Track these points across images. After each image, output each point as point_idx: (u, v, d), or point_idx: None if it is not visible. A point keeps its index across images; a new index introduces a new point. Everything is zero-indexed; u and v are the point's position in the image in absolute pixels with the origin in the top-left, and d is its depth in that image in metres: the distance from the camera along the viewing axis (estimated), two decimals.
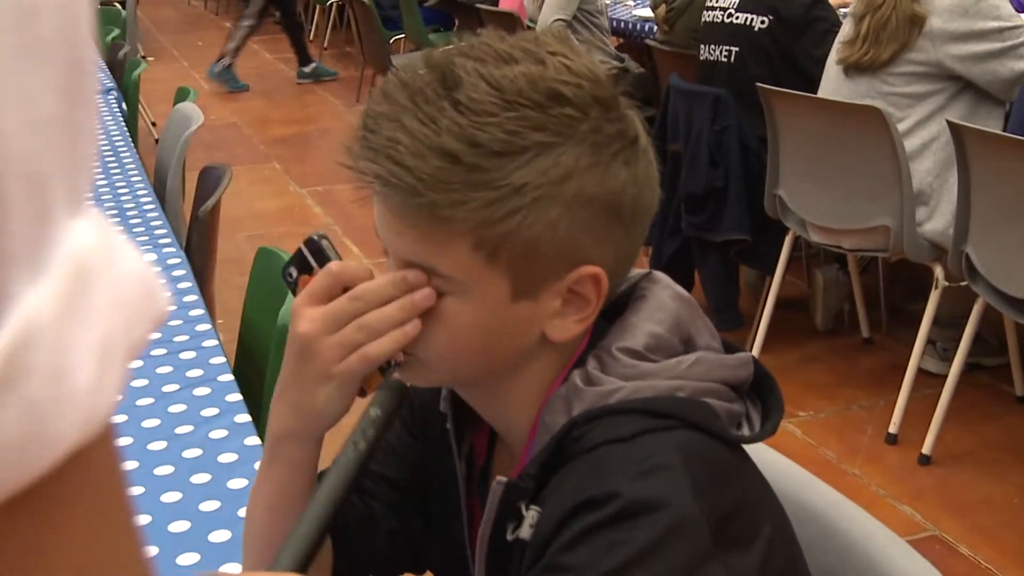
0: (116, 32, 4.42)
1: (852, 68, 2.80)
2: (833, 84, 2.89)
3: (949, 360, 2.75)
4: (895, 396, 2.81)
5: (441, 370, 0.83)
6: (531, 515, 0.77)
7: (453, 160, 0.73)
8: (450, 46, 0.78)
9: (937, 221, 2.73)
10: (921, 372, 2.87)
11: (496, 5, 5.36)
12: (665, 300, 0.83)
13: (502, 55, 0.76)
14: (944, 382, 2.67)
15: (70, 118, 0.28)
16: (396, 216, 0.78)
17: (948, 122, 2.51)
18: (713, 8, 3.36)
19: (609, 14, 4.74)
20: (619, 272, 0.83)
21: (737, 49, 3.26)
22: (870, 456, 2.77)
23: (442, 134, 0.73)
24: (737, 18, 3.26)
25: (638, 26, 4.65)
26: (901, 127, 2.69)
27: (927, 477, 2.67)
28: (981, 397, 2.97)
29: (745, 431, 0.81)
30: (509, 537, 0.79)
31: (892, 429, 2.80)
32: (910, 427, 2.78)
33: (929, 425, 2.69)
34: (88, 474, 0.29)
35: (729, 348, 0.86)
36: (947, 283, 2.72)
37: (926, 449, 2.70)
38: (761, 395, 0.85)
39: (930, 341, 2.99)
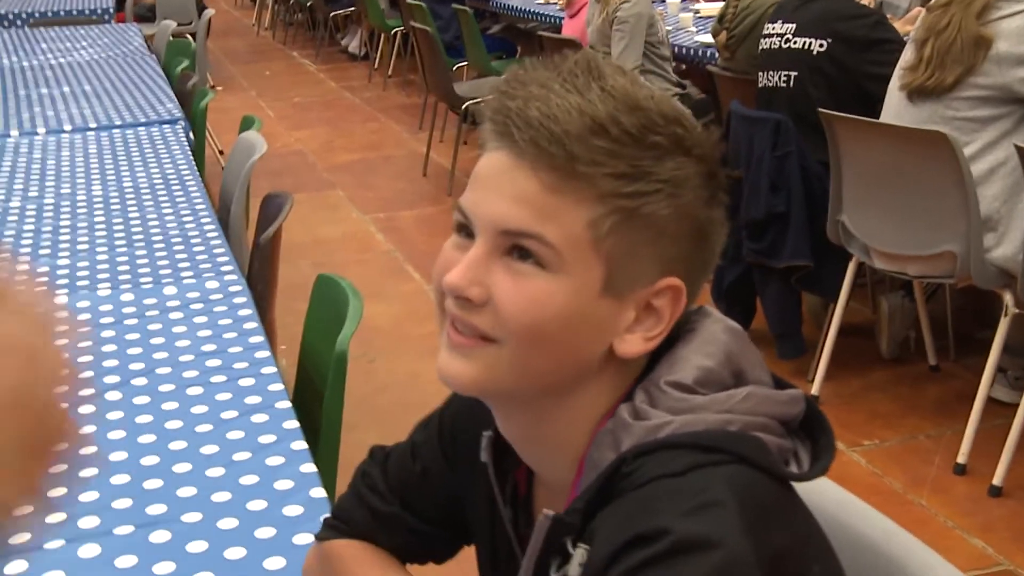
0: (186, 63, 4.52)
1: (915, 93, 2.76)
2: (896, 110, 2.85)
3: (1020, 389, 2.69)
4: (963, 426, 2.75)
5: (513, 362, 0.79)
6: (580, 553, 0.76)
7: (600, 126, 0.76)
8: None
9: (1006, 247, 2.67)
10: (991, 401, 2.80)
11: (559, 32, 5.39)
12: (716, 333, 0.83)
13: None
14: (1015, 411, 2.60)
15: None
16: (526, 169, 0.77)
17: (1016, 147, 2.46)
18: (770, 35, 3.35)
19: (671, 40, 4.73)
20: (688, 305, 0.83)
21: (796, 73, 3.24)
22: (937, 487, 2.71)
23: (594, 103, 0.76)
24: (795, 43, 3.24)
25: (699, 52, 4.64)
26: (967, 152, 2.64)
27: (998, 509, 2.60)
28: None
29: (793, 468, 0.80)
30: (554, 574, 0.78)
31: (960, 459, 2.74)
32: (979, 457, 2.72)
33: (1000, 455, 2.62)
34: None
35: (780, 384, 0.85)
36: (1017, 310, 2.66)
37: (997, 480, 2.63)
38: (812, 434, 0.84)
39: (1000, 369, 2.92)
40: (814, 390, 3.13)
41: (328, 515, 1.07)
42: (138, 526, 1.25)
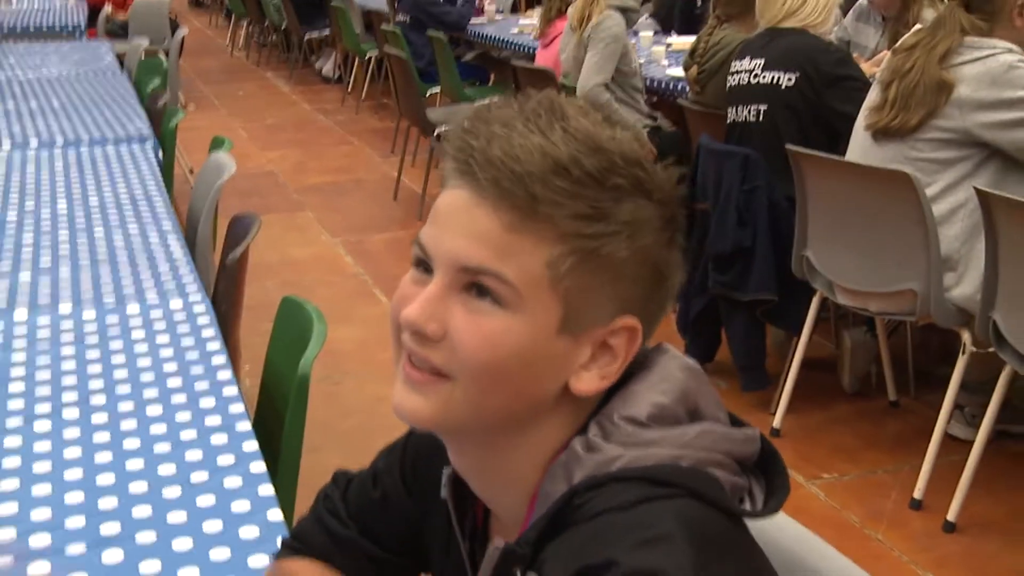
0: (157, 82, 4.51)
1: (880, 133, 2.80)
2: (861, 149, 2.89)
3: (976, 426, 2.72)
4: (920, 461, 2.78)
5: (468, 399, 0.79)
6: None
7: (562, 167, 0.76)
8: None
9: (965, 286, 2.71)
10: (948, 437, 2.83)
11: (532, 61, 5.43)
12: (672, 370, 0.83)
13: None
14: (971, 448, 2.64)
15: None
16: (487, 208, 0.77)
17: (976, 189, 2.51)
18: (738, 72, 3.39)
19: (643, 72, 4.78)
20: (644, 343, 0.84)
21: (765, 107, 3.28)
22: (894, 521, 2.73)
23: (557, 144, 0.76)
24: (764, 77, 3.29)
25: (671, 85, 4.69)
26: (929, 192, 2.69)
27: (952, 545, 2.63)
28: (1009, 465, 2.93)
29: (747, 506, 0.81)
30: None
31: (917, 495, 2.76)
32: (935, 493, 2.74)
33: (955, 492, 2.65)
34: None
35: (736, 422, 0.85)
36: (974, 348, 2.69)
37: (951, 516, 2.66)
38: (767, 473, 0.84)
39: (958, 406, 2.96)
40: (776, 422, 3.16)
41: (287, 536, 1.07)
42: (90, 545, 1.24)
